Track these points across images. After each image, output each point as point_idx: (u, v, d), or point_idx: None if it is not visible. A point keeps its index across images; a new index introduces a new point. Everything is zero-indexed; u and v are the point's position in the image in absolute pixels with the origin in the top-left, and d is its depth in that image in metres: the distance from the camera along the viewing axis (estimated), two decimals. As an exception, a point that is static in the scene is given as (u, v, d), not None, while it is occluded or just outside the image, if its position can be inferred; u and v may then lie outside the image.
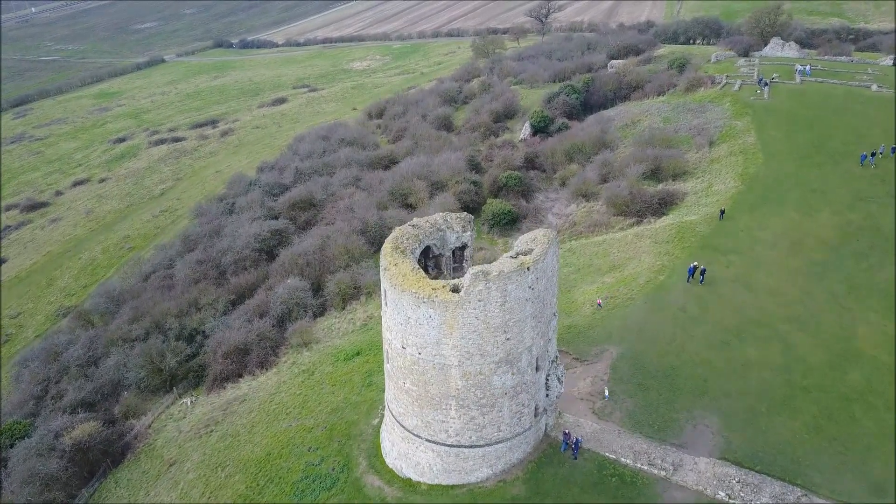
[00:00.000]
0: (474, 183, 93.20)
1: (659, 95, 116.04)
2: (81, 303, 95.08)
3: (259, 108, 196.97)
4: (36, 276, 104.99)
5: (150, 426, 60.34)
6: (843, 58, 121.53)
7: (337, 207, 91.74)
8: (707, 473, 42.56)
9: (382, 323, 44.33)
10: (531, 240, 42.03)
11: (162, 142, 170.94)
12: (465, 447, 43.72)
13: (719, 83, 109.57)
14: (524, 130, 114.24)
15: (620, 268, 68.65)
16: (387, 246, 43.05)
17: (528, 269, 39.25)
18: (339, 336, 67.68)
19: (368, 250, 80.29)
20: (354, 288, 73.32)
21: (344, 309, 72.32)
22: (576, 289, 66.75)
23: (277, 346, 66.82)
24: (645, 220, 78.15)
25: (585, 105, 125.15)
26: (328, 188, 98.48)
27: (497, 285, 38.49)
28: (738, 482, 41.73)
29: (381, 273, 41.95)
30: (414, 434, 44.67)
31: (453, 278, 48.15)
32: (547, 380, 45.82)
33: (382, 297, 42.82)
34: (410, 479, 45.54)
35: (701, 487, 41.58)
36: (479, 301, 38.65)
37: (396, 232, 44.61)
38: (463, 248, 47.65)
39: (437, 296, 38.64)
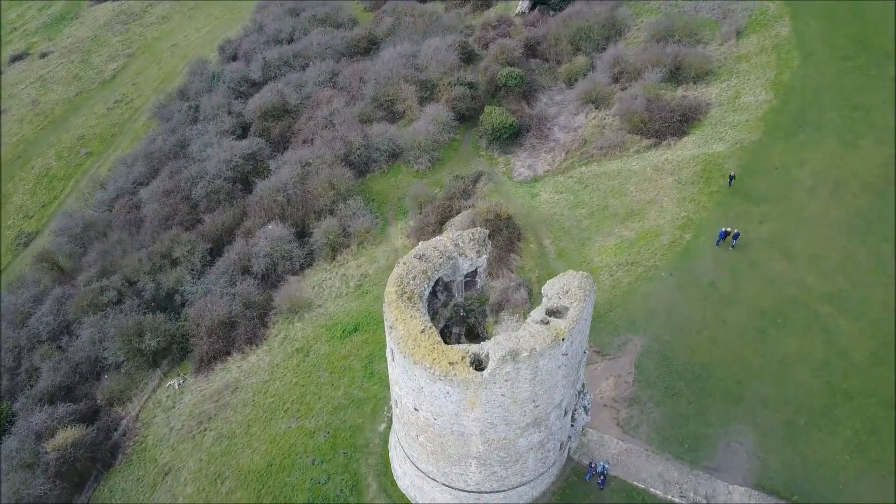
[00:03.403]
0: (469, 85, 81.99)
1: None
2: (42, 228, 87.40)
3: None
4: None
5: (137, 417, 56.47)
6: None
7: (314, 118, 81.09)
8: (743, 509, 40.17)
9: (389, 375, 38.74)
10: (564, 291, 35.16)
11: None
12: (486, 492, 40.39)
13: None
14: (522, 3, 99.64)
15: (640, 214, 61.88)
16: (391, 292, 36.11)
17: (563, 339, 33.10)
18: (331, 299, 62.09)
19: (355, 183, 71.91)
20: (344, 236, 66.41)
21: (334, 260, 66.02)
22: (591, 243, 60.43)
23: (265, 314, 61.28)
24: (664, 143, 69.80)
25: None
26: (302, 89, 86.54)
27: (527, 364, 32.58)
28: (776, 521, 39.49)
29: (387, 331, 35.59)
30: (430, 477, 41.06)
31: (465, 299, 41.91)
32: (574, 412, 41.56)
33: (389, 353, 36.81)
34: (426, 511, 42.80)
35: (737, 526, 39.39)
36: (506, 381, 32.93)
37: (401, 269, 37.32)
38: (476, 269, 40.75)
39: (455, 373, 32.73)
